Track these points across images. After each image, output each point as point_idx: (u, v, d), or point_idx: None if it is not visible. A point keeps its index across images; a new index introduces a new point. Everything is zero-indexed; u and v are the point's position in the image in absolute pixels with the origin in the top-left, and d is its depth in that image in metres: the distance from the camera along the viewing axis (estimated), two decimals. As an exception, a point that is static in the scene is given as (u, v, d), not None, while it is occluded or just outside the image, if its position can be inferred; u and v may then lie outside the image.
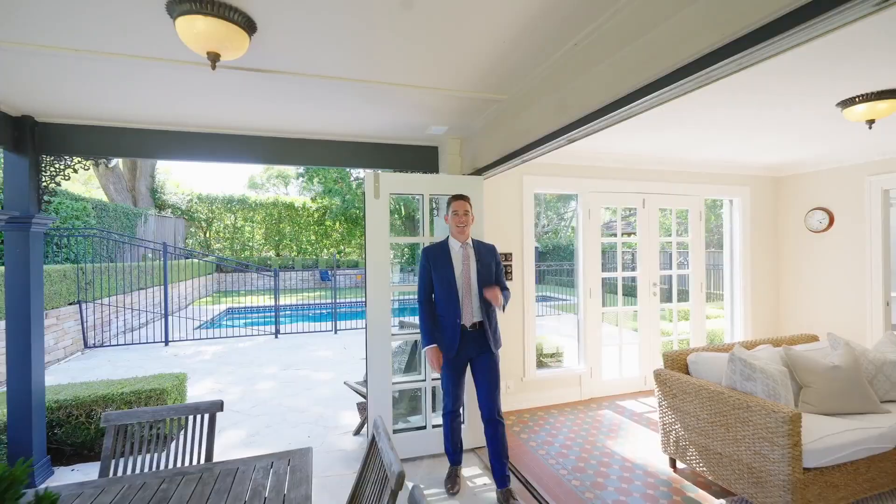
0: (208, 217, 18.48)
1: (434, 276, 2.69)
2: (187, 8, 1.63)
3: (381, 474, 1.39)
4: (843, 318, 4.62)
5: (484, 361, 2.67)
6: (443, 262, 2.67)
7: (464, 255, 2.69)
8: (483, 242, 2.83)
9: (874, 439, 2.44)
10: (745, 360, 2.62)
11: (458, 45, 2.02)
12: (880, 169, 4.34)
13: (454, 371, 2.69)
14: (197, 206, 18.22)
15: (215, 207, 18.51)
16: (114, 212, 11.51)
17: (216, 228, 18.58)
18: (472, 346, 2.65)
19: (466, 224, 2.69)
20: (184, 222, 17.57)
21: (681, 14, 1.45)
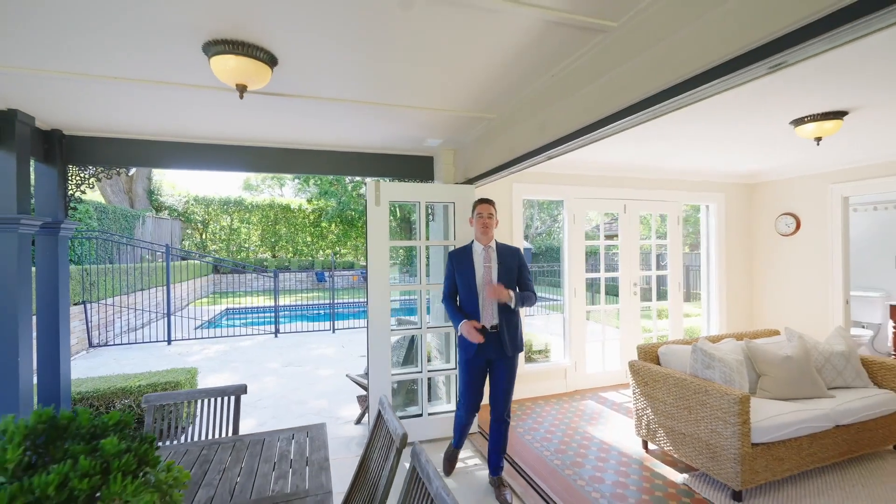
0: (204, 218, 18.63)
1: (457, 279, 2.76)
2: (221, 49, 1.92)
3: (387, 440, 1.69)
4: (808, 314, 4.98)
5: (503, 364, 2.71)
6: (466, 265, 2.73)
7: (485, 258, 2.74)
8: (507, 245, 2.85)
9: (816, 419, 2.78)
10: (705, 351, 2.95)
11: (455, 75, 2.33)
12: (841, 178, 4.71)
13: (472, 372, 2.72)
14: (193, 207, 18.38)
15: (212, 209, 18.67)
16: (113, 214, 11.69)
17: (212, 230, 18.74)
18: (491, 347, 2.67)
19: (490, 226, 2.74)
20: (180, 224, 17.72)
21: (638, 58, 1.77)
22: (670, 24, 1.60)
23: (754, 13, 1.31)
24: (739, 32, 1.34)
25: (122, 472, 0.92)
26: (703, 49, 1.47)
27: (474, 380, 2.74)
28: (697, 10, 1.49)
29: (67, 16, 1.71)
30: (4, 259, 2.71)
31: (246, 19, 1.75)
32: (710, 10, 1.44)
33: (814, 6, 1.15)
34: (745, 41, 1.33)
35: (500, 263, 2.73)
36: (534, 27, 1.85)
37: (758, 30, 1.29)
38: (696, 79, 1.51)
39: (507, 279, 2.69)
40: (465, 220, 3.61)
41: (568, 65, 2.19)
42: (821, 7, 1.13)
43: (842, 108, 2.91)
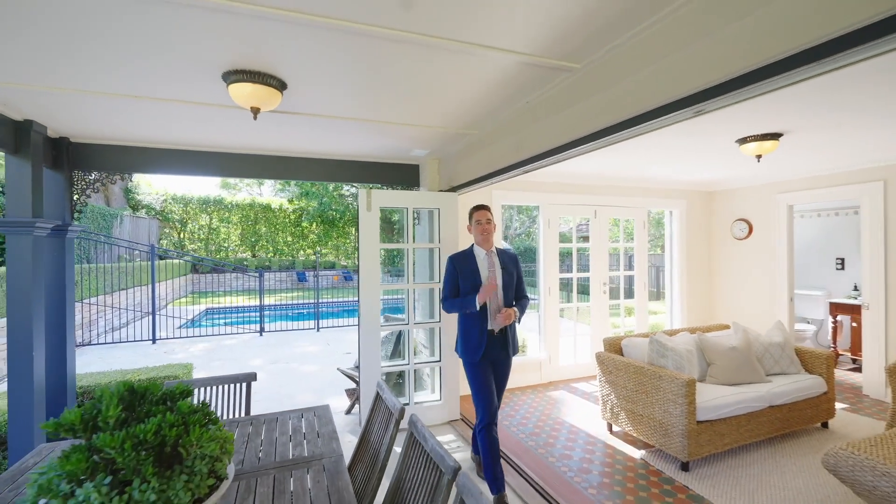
0: (182, 218, 18.42)
1: (461, 283, 2.75)
2: (238, 78, 2.19)
3: (386, 414, 2.00)
4: (759, 310, 5.51)
5: (504, 366, 2.80)
6: (470, 270, 2.75)
7: (489, 263, 2.77)
8: (506, 251, 2.89)
9: (752, 400, 3.22)
10: (660, 342, 3.36)
11: (441, 100, 2.65)
12: (786, 188, 5.25)
13: (482, 374, 2.69)
14: (171, 206, 18.15)
15: (190, 208, 18.47)
16: (91, 213, 11.55)
17: (191, 229, 18.55)
18: (497, 350, 2.71)
19: (490, 232, 2.77)
20: (157, 223, 17.48)
21: (597, 95, 2.13)
22: (621, 71, 1.96)
23: (680, 72, 1.67)
24: (670, 85, 1.71)
25: (196, 425, 1.21)
26: (644, 95, 1.83)
27: (486, 382, 2.69)
28: (641, 64, 1.85)
29: (103, 47, 1.96)
30: (20, 260, 2.89)
31: (261, 53, 2.03)
32: (651, 63, 1.80)
33: (720, 71, 1.51)
34: (674, 93, 1.69)
35: (503, 269, 2.77)
36: (510, 66, 2.19)
37: (684, 85, 1.65)
38: (640, 117, 1.87)
39: (510, 284, 2.76)
40: (449, 225, 3.94)
41: (539, 95, 2.54)
42: (727, 72, 1.49)
43: (778, 130, 3.36)
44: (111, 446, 1.08)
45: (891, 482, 2.15)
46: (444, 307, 2.85)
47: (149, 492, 1.07)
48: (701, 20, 1.58)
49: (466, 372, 2.74)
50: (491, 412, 2.64)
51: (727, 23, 1.49)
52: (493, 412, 2.65)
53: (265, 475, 1.62)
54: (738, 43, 1.45)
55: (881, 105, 2.71)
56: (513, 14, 1.70)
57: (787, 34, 1.30)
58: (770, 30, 1.35)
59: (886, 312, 4.34)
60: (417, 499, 1.49)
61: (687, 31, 1.64)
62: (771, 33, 1.35)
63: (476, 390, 2.69)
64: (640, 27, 1.79)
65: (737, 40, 1.45)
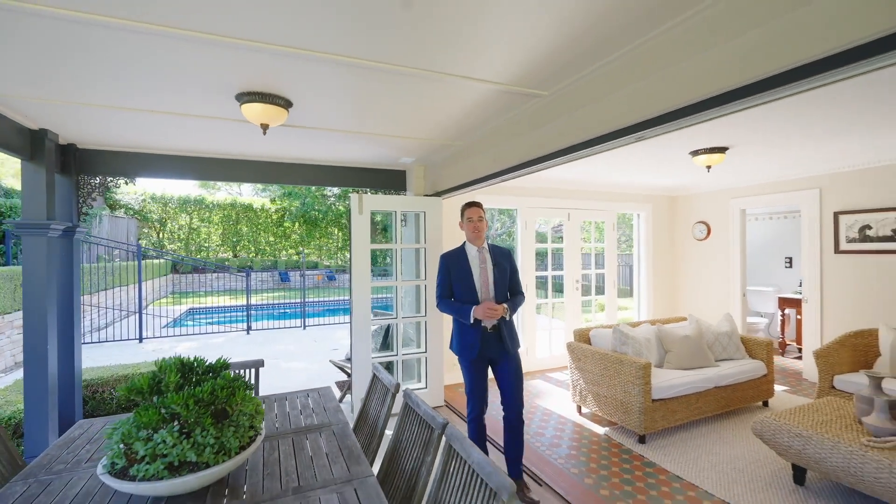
0: (162, 217, 18.23)
1: (454, 281, 2.78)
2: (251, 98, 2.49)
3: (382, 390, 2.34)
4: (716, 304, 6.03)
5: (506, 364, 2.74)
6: (461, 267, 2.77)
7: (480, 260, 2.77)
8: (499, 246, 2.87)
9: (700, 382, 3.67)
10: (622, 332, 3.78)
11: (428, 117, 2.99)
12: (739, 194, 5.78)
13: (476, 372, 2.74)
14: (150, 206, 17.94)
15: (170, 207, 18.29)
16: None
17: (170, 229, 18.37)
18: (492, 347, 2.71)
19: (481, 229, 2.78)
20: (136, 222, 17.27)
21: (562, 118, 2.50)
22: (582, 99, 2.34)
23: (625, 105, 2.06)
24: (622, 115, 2.09)
25: (240, 389, 1.52)
26: (600, 120, 2.22)
27: (480, 380, 2.76)
28: (597, 95, 2.23)
29: (134, 74, 2.23)
30: (36, 259, 3.11)
31: (271, 78, 2.33)
32: (604, 96, 2.18)
33: (655, 108, 1.90)
34: (621, 122, 2.08)
35: (494, 265, 2.76)
36: (489, 92, 2.54)
37: (628, 116, 2.04)
38: (598, 139, 2.25)
39: (503, 280, 2.76)
40: (434, 227, 4.28)
41: (513, 116, 2.92)
42: (661, 108, 1.88)
43: (724, 144, 3.82)
44: (178, 403, 1.39)
45: (801, 441, 2.60)
46: (438, 306, 2.84)
47: (208, 437, 1.39)
48: (639, 66, 1.98)
49: (461, 368, 2.80)
50: (480, 407, 2.76)
51: (661, 68, 1.88)
52: (481, 408, 2.77)
53: (285, 437, 1.94)
54: (671, 84, 1.84)
55: (814, 125, 3.19)
56: (492, 53, 2.05)
57: (705, 80, 1.69)
58: (696, 75, 1.74)
59: (822, 305, 4.89)
60: (413, 451, 1.83)
61: (629, 73, 2.03)
62: (695, 78, 1.74)
63: (468, 387, 2.77)
64: (595, 66, 2.18)
65: (671, 81, 1.84)
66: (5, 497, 1.46)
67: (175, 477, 1.32)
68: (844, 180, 4.69)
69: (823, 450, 2.51)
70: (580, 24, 1.79)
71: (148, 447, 1.33)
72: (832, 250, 4.78)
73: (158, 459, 1.32)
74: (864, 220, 4.51)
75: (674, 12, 1.70)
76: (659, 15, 1.72)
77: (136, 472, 1.31)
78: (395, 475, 1.91)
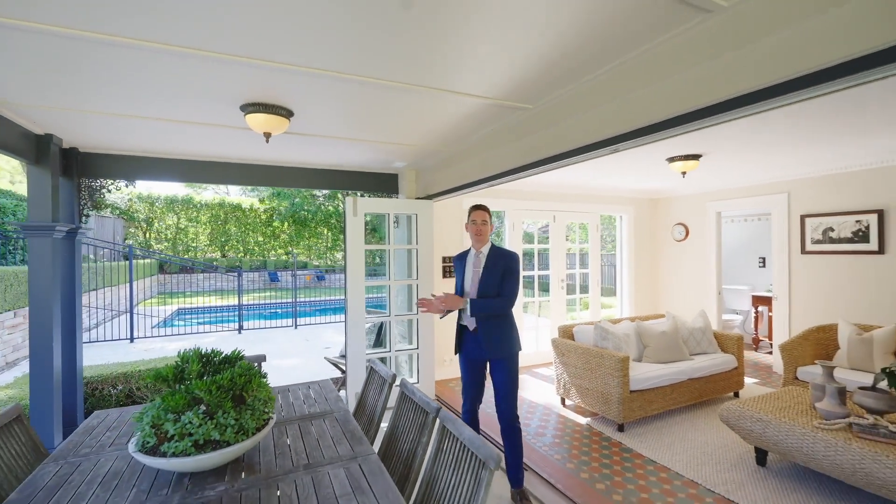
0: (148, 217, 18.08)
1: (456, 281, 2.97)
2: (254, 109, 2.65)
3: (380, 381, 2.52)
4: (694, 302, 6.33)
5: (497, 366, 2.76)
6: (460, 269, 2.94)
7: (475, 262, 2.84)
8: (502, 250, 2.85)
9: (675, 374, 3.93)
10: (603, 328, 4.02)
11: (420, 126, 3.18)
12: (715, 197, 6.08)
13: (465, 368, 2.87)
14: (136, 205, 17.78)
15: (157, 207, 18.15)
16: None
17: (157, 229, 18.22)
18: (472, 348, 2.81)
19: (483, 232, 2.82)
20: (122, 222, 17.10)
21: (546, 130, 2.71)
22: (563, 113, 2.55)
23: (601, 120, 2.27)
24: (599, 129, 2.30)
25: (255, 377, 1.69)
26: (580, 133, 2.43)
27: (467, 373, 2.88)
28: (576, 110, 2.45)
29: (142, 85, 2.38)
30: (42, 260, 3.22)
31: (274, 90, 2.49)
32: (583, 111, 2.40)
33: (627, 124, 2.12)
34: (598, 135, 2.29)
35: (485, 268, 2.78)
36: (479, 104, 2.74)
37: (603, 131, 2.26)
38: (578, 150, 2.47)
39: (490, 283, 2.73)
40: (425, 228, 4.47)
41: (501, 126, 3.12)
42: (632, 125, 2.10)
43: (698, 152, 4.08)
44: (202, 389, 1.56)
45: (761, 425, 2.86)
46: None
47: (229, 418, 1.56)
48: (612, 86, 2.19)
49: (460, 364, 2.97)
50: (471, 404, 2.90)
51: (632, 90, 2.09)
52: (473, 405, 2.91)
53: (292, 423, 2.11)
54: (641, 103, 2.05)
55: (780, 134, 3.46)
56: (481, 71, 2.25)
57: (672, 101, 1.91)
58: (662, 97, 1.96)
59: (790, 302, 5.20)
60: (410, 434, 2.02)
61: (604, 93, 2.25)
62: (662, 100, 1.96)
63: (462, 387, 2.95)
64: (574, 84, 2.39)
65: (641, 101, 2.06)
66: (42, 476, 1.61)
67: (201, 453, 1.49)
68: (810, 185, 5.00)
69: (780, 432, 2.77)
70: (559, 50, 2.00)
71: (177, 427, 1.49)
72: (799, 251, 5.10)
73: (186, 438, 1.49)
74: (827, 223, 4.83)
75: (641, 41, 1.92)
76: (628, 43, 1.93)
77: (167, 449, 1.47)
78: (392, 457, 2.10)
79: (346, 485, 1.55)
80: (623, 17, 1.71)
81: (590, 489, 2.81)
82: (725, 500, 2.65)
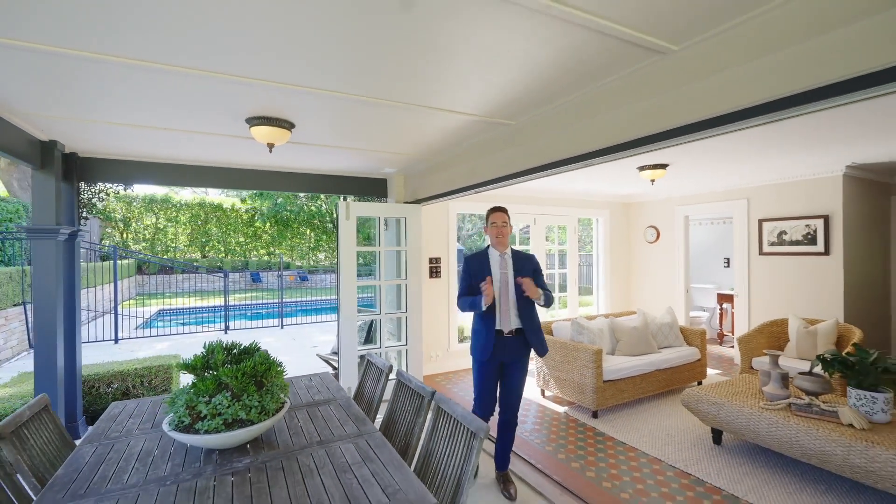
0: (126, 217, 17.76)
1: (475, 284, 2.75)
2: (259, 122, 2.86)
3: (377, 371, 2.77)
4: (664, 299, 6.75)
5: (517, 366, 2.76)
6: (483, 271, 2.76)
7: (502, 264, 2.78)
8: (521, 252, 2.89)
9: (644, 366, 4.29)
10: (578, 323, 4.35)
11: (410, 137, 3.44)
12: (683, 202, 6.52)
13: (485, 373, 2.75)
14: (112, 205, 17.44)
15: (134, 207, 17.84)
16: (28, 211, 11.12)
17: (135, 229, 17.91)
18: (507, 351, 2.71)
19: (505, 234, 2.79)
20: (98, 222, 16.75)
21: (526, 144, 3.01)
22: (541, 130, 2.85)
23: (571, 139, 2.58)
24: (572, 146, 2.60)
25: (274, 365, 1.93)
26: (557, 149, 2.73)
27: (489, 383, 2.77)
28: (551, 128, 2.74)
29: (155, 99, 2.57)
30: (46, 261, 3.34)
31: (277, 106, 2.71)
32: (559, 129, 2.70)
33: (596, 143, 2.42)
34: (571, 152, 2.60)
35: (515, 270, 2.78)
36: (463, 119, 3.01)
37: (580, 147, 2.56)
38: (554, 163, 2.77)
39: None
40: (414, 230, 4.72)
41: (485, 138, 3.41)
42: (600, 144, 2.40)
43: (664, 162, 4.46)
44: (229, 375, 1.78)
45: (715, 407, 3.22)
46: (457, 305, 2.90)
47: (253, 400, 1.79)
48: (582, 110, 2.50)
49: (473, 368, 2.85)
50: (486, 410, 2.78)
51: (600, 113, 2.40)
52: (487, 412, 2.78)
53: (300, 409, 2.34)
54: (608, 125, 2.36)
55: (740, 145, 3.84)
56: (468, 92, 2.52)
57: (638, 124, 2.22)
58: (626, 120, 2.27)
59: (749, 299, 5.66)
60: (407, 416, 2.28)
61: (575, 115, 2.55)
62: (630, 122, 2.27)
63: (476, 388, 2.81)
64: (549, 106, 2.69)
65: (608, 124, 2.37)
66: (82, 455, 1.81)
67: (230, 430, 1.72)
68: (767, 193, 5.46)
69: (732, 413, 3.13)
70: (536, 78, 2.29)
71: (209, 407, 1.72)
72: (757, 252, 5.55)
73: (217, 417, 1.71)
74: (781, 227, 5.29)
75: (605, 74, 2.22)
76: (595, 75, 2.24)
77: (200, 426, 1.70)
78: (392, 436, 2.35)
79: (356, 455, 1.80)
80: (589, 55, 2.01)
81: (566, 467, 3.12)
82: (684, 473, 3.00)
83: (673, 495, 2.75)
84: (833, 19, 1.47)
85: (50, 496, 1.51)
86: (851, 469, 2.52)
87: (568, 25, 1.75)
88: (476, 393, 2.83)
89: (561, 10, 1.63)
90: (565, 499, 2.75)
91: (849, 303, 4.77)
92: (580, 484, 2.90)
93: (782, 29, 1.61)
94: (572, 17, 1.68)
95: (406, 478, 1.62)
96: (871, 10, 1.38)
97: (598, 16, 1.67)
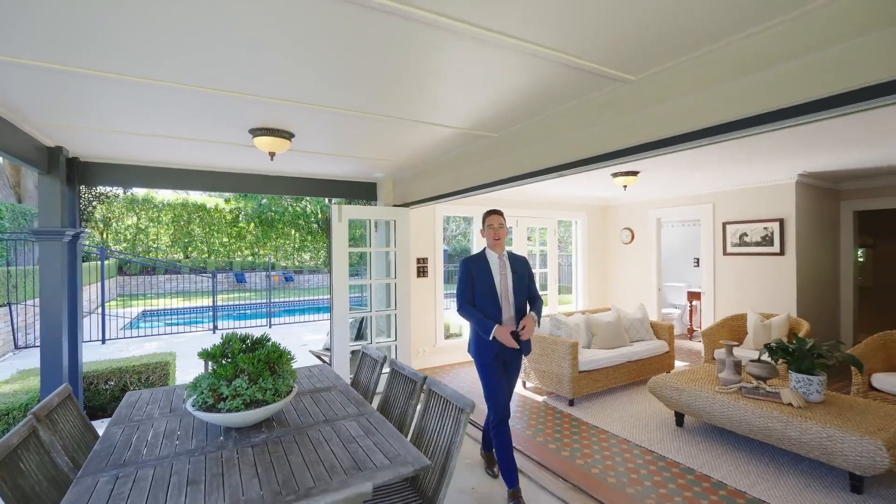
0: (105, 217, 17.49)
1: (477, 286, 2.80)
2: (262, 133, 3.09)
3: (372, 362, 3.03)
4: (638, 297, 7.15)
5: (515, 365, 2.89)
6: (483, 273, 2.81)
7: (500, 266, 2.84)
8: (516, 255, 2.96)
9: (616, 358, 4.65)
10: (557, 319, 4.69)
11: (400, 146, 3.71)
12: (655, 206, 6.94)
13: (494, 373, 2.78)
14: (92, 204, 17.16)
15: (114, 207, 17.59)
16: (11, 212, 10.98)
17: (116, 229, 17.66)
18: (508, 350, 2.75)
19: (502, 237, 2.85)
20: (78, 222, 16.46)
21: (510, 154, 3.31)
22: (522, 142, 3.15)
23: (553, 151, 2.88)
24: (547, 158, 2.91)
25: (284, 353, 2.18)
26: (534, 160, 3.03)
27: (499, 379, 2.80)
28: (531, 141, 3.05)
29: (166, 112, 2.78)
30: (53, 262, 3.50)
31: (278, 118, 2.95)
32: (537, 142, 3.00)
33: (572, 155, 2.74)
34: (549, 162, 2.90)
35: (513, 272, 2.85)
36: (448, 132, 3.30)
37: (555, 159, 2.87)
38: (534, 173, 3.07)
39: (521, 286, 2.85)
40: (402, 233, 4.98)
41: (470, 149, 3.70)
42: (575, 156, 2.71)
43: (635, 169, 4.82)
44: (246, 362, 2.03)
45: (677, 392, 3.58)
46: (459, 311, 2.89)
47: (268, 383, 2.04)
48: (555, 127, 2.81)
49: (479, 371, 2.86)
50: (501, 411, 2.73)
51: (572, 129, 2.71)
52: (503, 411, 2.74)
53: (304, 395, 2.59)
54: (576, 142, 2.68)
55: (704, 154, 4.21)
56: (454, 109, 2.80)
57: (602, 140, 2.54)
58: (596, 137, 2.58)
59: (714, 296, 6.09)
60: (401, 400, 2.55)
61: (549, 129, 2.86)
62: (596, 139, 2.58)
63: (487, 390, 2.79)
64: (526, 122, 3.00)
65: (576, 140, 2.68)
66: (113, 433, 2.03)
67: (249, 409, 1.96)
68: (730, 197, 5.90)
69: (691, 397, 3.49)
70: (512, 98, 2.59)
71: (230, 389, 1.96)
72: (721, 253, 5.99)
73: (237, 398, 1.96)
74: (742, 229, 5.73)
75: (573, 97, 2.53)
76: (564, 97, 2.55)
77: (223, 406, 1.94)
78: (387, 418, 2.61)
79: (359, 430, 2.06)
80: (558, 81, 2.31)
81: (543, 448, 3.44)
82: (648, 451, 3.35)
83: (637, 469, 3.09)
84: (765, 60, 1.78)
85: (94, 464, 1.73)
86: (789, 441, 2.90)
87: (538, 59, 2.05)
88: (488, 394, 2.80)
89: (529, 48, 1.92)
90: (542, 474, 3.06)
91: (801, 298, 5.23)
92: (556, 462, 3.21)
93: (732, 61, 1.89)
94: (541, 54, 1.98)
95: (404, 446, 1.89)
96: (791, 54, 1.69)
97: (563, 52, 1.97)
